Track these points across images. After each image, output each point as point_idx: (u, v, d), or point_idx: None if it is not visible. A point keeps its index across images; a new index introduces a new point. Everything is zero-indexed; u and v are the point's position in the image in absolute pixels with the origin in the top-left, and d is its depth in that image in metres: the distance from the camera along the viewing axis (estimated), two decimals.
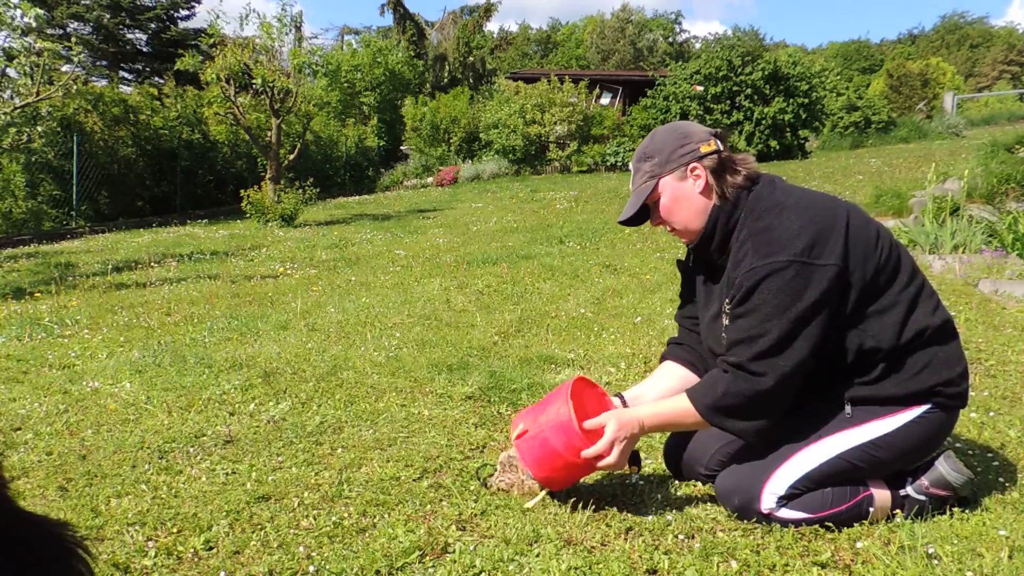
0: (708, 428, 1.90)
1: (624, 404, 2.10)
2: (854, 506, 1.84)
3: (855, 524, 1.84)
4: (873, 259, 1.79)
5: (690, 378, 2.09)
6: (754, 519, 1.86)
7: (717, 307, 1.93)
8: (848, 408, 1.84)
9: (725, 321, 1.87)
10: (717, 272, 1.97)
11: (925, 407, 1.83)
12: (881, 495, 1.86)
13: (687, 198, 1.89)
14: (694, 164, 1.87)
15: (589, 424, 1.91)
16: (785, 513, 1.83)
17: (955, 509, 1.90)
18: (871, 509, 1.85)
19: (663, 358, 2.21)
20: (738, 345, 1.78)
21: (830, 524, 1.82)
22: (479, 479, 2.15)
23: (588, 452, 1.87)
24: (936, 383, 1.82)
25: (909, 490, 1.89)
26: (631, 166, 2.00)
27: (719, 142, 1.90)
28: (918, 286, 1.85)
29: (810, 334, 1.73)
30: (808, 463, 1.82)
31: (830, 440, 1.82)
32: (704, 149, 1.87)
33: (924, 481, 1.88)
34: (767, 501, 1.82)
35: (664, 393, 2.08)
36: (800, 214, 1.78)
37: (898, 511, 1.87)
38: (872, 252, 1.79)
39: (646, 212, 1.97)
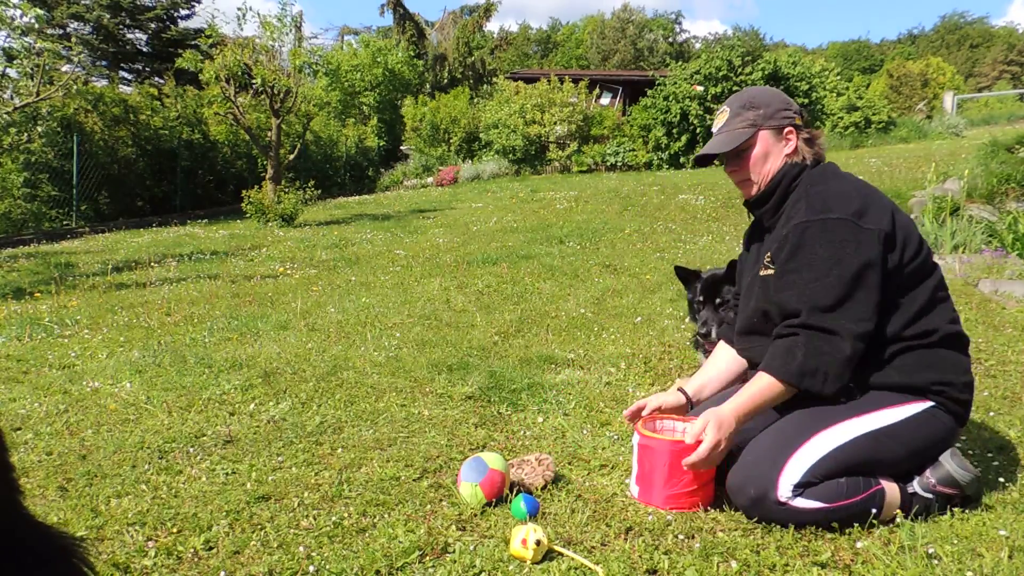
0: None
1: (688, 399, 2.17)
2: (867, 498, 1.82)
3: (862, 521, 1.82)
4: (912, 247, 1.88)
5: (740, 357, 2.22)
6: (769, 512, 1.81)
7: (759, 266, 2.02)
8: (856, 392, 1.88)
9: (764, 272, 1.97)
10: (765, 234, 2.08)
11: (929, 403, 1.86)
12: (891, 489, 1.87)
13: (775, 155, 2.03)
14: (790, 128, 2.02)
15: (692, 430, 1.90)
16: (801, 503, 1.79)
17: (955, 509, 1.90)
18: (883, 504, 1.84)
19: (720, 336, 2.38)
20: (797, 302, 1.83)
21: (835, 524, 1.81)
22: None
23: (690, 460, 1.87)
24: (938, 380, 1.86)
25: (916, 487, 1.90)
26: (726, 106, 2.10)
27: (803, 119, 2.07)
28: (943, 294, 1.94)
29: (866, 293, 1.80)
30: (821, 449, 1.81)
31: (841, 427, 1.83)
32: (798, 120, 2.04)
33: (931, 479, 1.88)
34: (783, 490, 1.79)
35: (724, 372, 2.23)
36: (852, 186, 1.94)
37: (899, 512, 1.86)
38: (912, 241, 1.89)
39: (712, 156, 2.10)
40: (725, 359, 2.27)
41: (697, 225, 7.94)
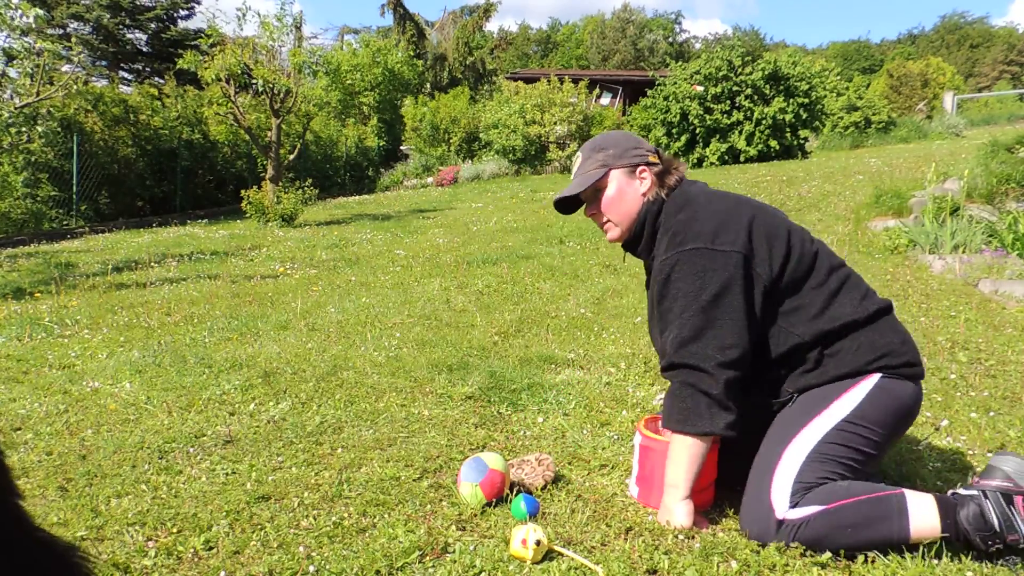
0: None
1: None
2: (878, 500, 1.70)
3: (887, 531, 1.68)
4: (779, 256, 1.86)
5: None
6: (773, 534, 1.73)
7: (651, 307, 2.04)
8: (795, 398, 1.88)
9: (655, 314, 1.98)
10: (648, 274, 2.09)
11: (877, 376, 1.84)
12: (915, 495, 1.73)
13: (630, 195, 2.03)
14: (643, 167, 2.02)
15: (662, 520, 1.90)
16: (797, 513, 1.71)
17: None
18: (906, 509, 1.70)
19: None
20: (671, 341, 1.86)
21: (854, 525, 1.69)
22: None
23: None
24: (873, 357, 1.85)
25: (959, 488, 1.77)
26: (579, 153, 2.11)
27: (659, 157, 2.06)
28: (839, 280, 1.91)
29: (729, 318, 1.80)
30: (796, 460, 1.77)
31: (805, 432, 1.81)
32: (652, 159, 2.03)
33: (976, 479, 1.76)
34: (779, 508, 1.73)
35: None
36: (705, 207, 1.92)
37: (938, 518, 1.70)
38: (779, 249, 1.87)
39: (579, 202, 2.11)
40: None
41: None
